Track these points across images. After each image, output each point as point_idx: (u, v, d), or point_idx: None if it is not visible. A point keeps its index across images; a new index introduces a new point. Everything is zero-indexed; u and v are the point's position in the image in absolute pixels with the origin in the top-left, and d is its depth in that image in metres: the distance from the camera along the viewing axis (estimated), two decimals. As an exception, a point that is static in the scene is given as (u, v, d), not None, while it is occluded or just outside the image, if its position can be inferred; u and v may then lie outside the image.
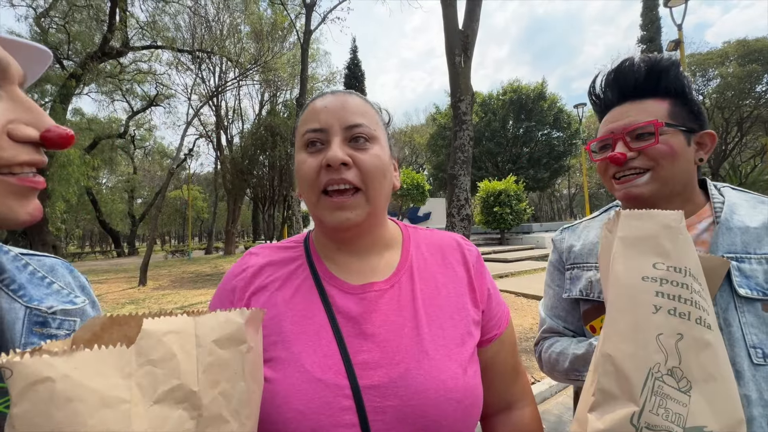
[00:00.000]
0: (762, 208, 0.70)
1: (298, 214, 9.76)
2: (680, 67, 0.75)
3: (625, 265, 0.57)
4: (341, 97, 0.57)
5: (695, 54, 20.41)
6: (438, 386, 0.49)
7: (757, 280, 0.64)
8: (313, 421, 0.47)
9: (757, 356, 0.62)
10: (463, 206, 4.29)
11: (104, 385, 0.28)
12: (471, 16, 4.45)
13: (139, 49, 15.30)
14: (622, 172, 0.74)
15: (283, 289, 0.57)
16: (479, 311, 0.60)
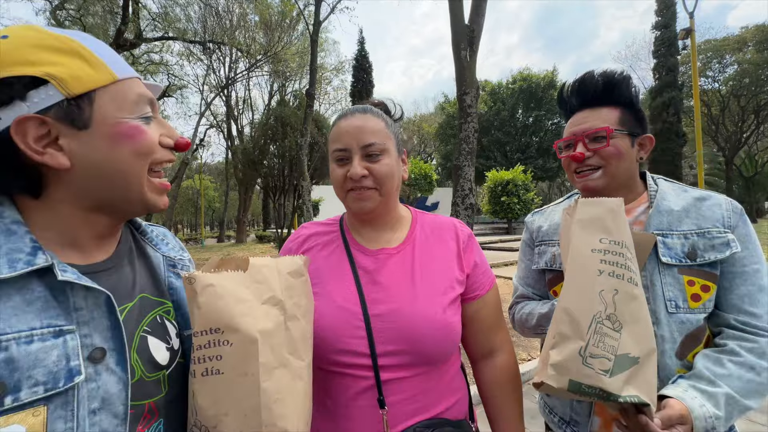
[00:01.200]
0: (684, 195, 0.89)
1: (309, 203, 10.00)
2: (631, 80, 0.91)
3: (580, 241, 0.75)
4: (359, 119, 0.77)
5: (711, 40, 19.84)
6: (422, 318, 0.73)
7: (676, 251, 0.83)
8: (337, 332, 0.72)
9: (671, 307, 0.81)
10: (467, 196, 4.49)
11: (237, 291, 0.54)
12: (477, 11, 4.56)
13: (151, 41, 15.53)
14: (581, 168, 0.92)
15: (323, 251, 0.83)
16: (464, 274, 0.81)
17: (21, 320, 0.43)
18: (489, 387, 0.84)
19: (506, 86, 24.53)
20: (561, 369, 0.68)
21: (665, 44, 15.57)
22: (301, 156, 10.61)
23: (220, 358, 0.52)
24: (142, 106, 0.54)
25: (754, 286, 0.80)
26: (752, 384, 0.74)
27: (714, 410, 0.70)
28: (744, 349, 0.76)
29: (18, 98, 0.45)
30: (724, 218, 0.83)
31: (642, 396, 0.67)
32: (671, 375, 0.80)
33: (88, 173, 0.50)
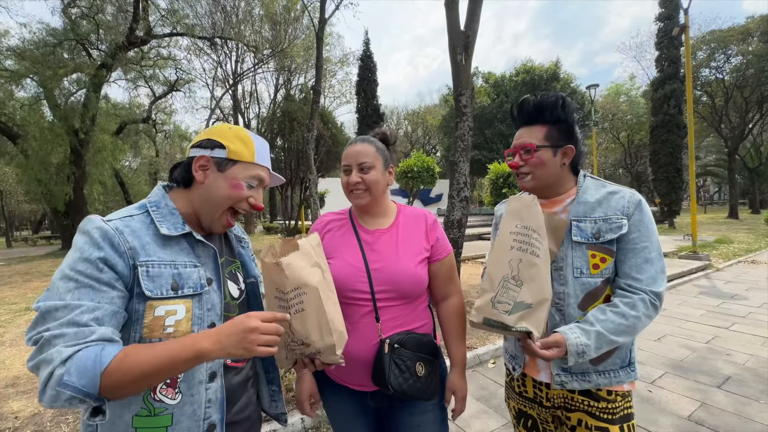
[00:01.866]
0: (601, 190, 1.11)
1: (315, 195, 10.43)
2: (559, 102, 1.09)
3: (504, 226, 1.06)
4: (359, 146, 1.21)
5: (716, 31, 19.68)
6: (401, 271, 1.16)
7: (586, 232, 1.06)
8: (350, 279, 1.17)
9: (576, 273, 1.07)
10: (462, 189, 4.91)
11: (300, 263, 0.95)
12: (472, 17, 4.91)
13: (160, 37, 15.88)
14: (518, 173, 1.18)
15: (339, 231, 1.28)
16: (429, 245, 1.24)
17: (181, 257, 0.86)
18: (444, 318, 1.28)
19: (509, 79, 24.58)
20: (479, 310, 1.01)
21: (668, 36, 15.56)
22: (308, 150, 11.01)
23: (302, 302, 0.91)
24: (253, 180, 0.95)
25: (641, 259, 1.03)
26: (621, 326, 0.98)
27: (585, 341, 0.96)
28: (622, 302, 1.01)
29: (210, 148, 0.92)
30: (624, 208, 1.05)
31: (529, 327, 0.96)
32: (573, 320, 1.05)
33: (207, 190, 0.92)
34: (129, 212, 0.86)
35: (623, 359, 1.08)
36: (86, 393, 0.65)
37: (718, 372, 3.10)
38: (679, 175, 16.10)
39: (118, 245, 0.77)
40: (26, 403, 2.84)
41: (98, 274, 0.73)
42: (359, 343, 1.12)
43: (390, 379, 1.05)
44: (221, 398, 0.88)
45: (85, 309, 0.70)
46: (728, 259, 8.36)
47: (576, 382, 1.07)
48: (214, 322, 0.88)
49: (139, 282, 0.78)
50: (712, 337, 3.87)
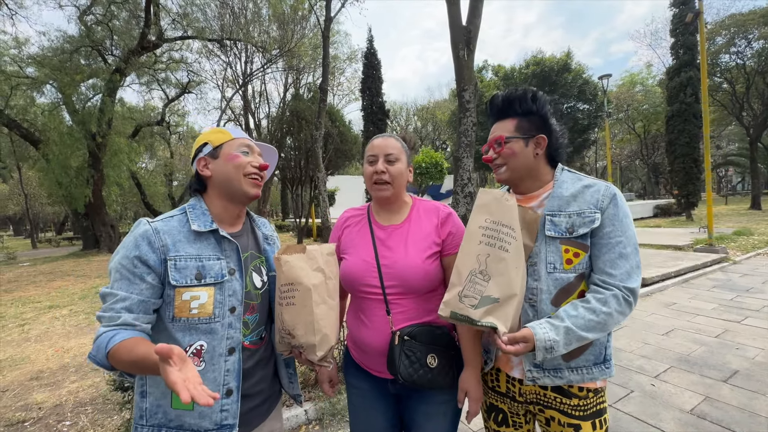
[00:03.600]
0: (577, 184, 1.08)
1: (324, 193, 10.54)
2: (527, 95, 1.11)
3: (473, 219, 1.04)
4: (386, 140, 1.26)
5: (736, 14, 18.92)
6: (408, 266, 1.19)
7: (560, 227, 1.05)
8: (362, 274, 1.22)
9: (549, 268, 1.05)
10: (466, 185, 4.92)
11: (299, 263, 1.06)
12: (474, 12, 4.89)
13: (172, 41, 16.19)
14: (493, 165, 1.18)
15: (356, 226, 1.33)
16: (440, 239, 1.26)
17: (207, 251, 1.03)
18: None
19: (519, 71, 24.17)
20: (446, 304, 1.01)
21: (683, 22, 15.04)
22: (316, 148, 11.12)
23: (293, 297, 1.02)
24: (242, 148, 1.11)
25: (615, 254, 1.01)
26: (591, 322, 0.97)
27: (554, 336, 0.94)
28: (594, 298, 0.99)
29: (200, 152, 1.11)
30: (598, 201, 1.03)
31: (496, 323, 0.94)
32: (547, 316, 1.03)
33: (218, 178, 1.08)
34: (172, 213, 1.06)
35: (597, 356, 1.07)
36: (102, 364, 0.88)
37: (726, 366, 3.06)
38: (696, 166, 15.62)
39: (153, 243, 0.97)
40: (49, 394, 3.01)
41: (133, 269, 0.94)
42: (375, 333, 1.18)
43: (400, 370, 1.09)
44: (238, 369, 1.03)
45: (119, 298, 0.92)
46: (747, 251, 8.12)
47: (548, 378, 1.06)
48: (235, 306, 1.04)
49: (168, 273, 0.96)
50: (723, 331, 3.80)
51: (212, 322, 0.99)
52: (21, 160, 19.92)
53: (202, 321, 0.98)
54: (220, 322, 1.00)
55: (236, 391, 1.03)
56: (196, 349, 0.98)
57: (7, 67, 14.01)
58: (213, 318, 0.99)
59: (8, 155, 20.24)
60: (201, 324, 0.98)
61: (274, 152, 1.26)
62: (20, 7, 14.48)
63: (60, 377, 3.36)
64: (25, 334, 4.78)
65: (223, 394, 1.01)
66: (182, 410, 0.97)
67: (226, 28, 16.22)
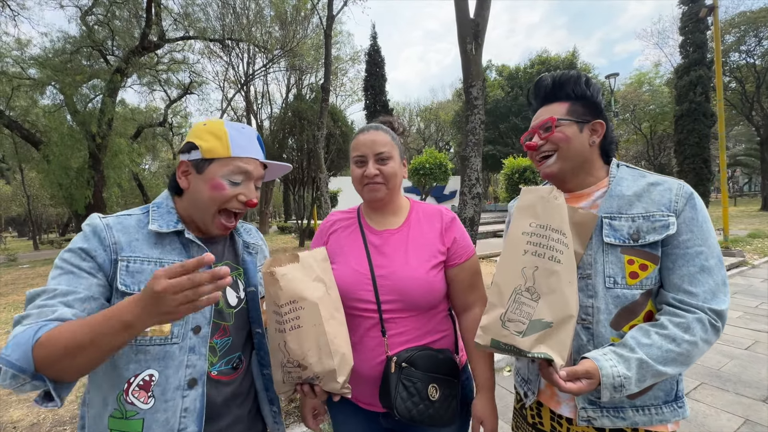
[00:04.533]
0: (640, 181, 0.91)
1: (326, 194, 10.34)
2: (580, 78, 0.97)
3: (514, 224, 0.88)
4: (373, 134, 1.06)
5: (746, 12, 18.60)
6: (409, 277, 1.00)
7: (622, 232, 0.87)
8: (353, 287, 1.02)
9: (609, 282, 0.87)
10: (474, 185, 4.68)
11: (298, 275, 0.87)
12: (482, 4, 4.67)
13: (173, 41, 16.10)
14: (538, 156, 0.99)
15: (345, 231, 1.14)
16: (445, 247, 1.07)
17: (171, 255, 0.85)
18: (466, 332, 1.09)
19: (524, 71, 23.90)
20: (486, 330, 0.84)
21: (692, 20, 14.74)
22: (318, 149, 10.93)
23: (299, 318, 0.84)
24: (235, 176, 0.88)
25: (695, 267, 0.82)
26: (671, 354, 0.79)
27: (624, 371, 0.77)
28: (672, 323, 0.81)
29: (193, 149, 0.88)
30: (671, 203, 0.86)
31: (550, 353, 0.78)
32: (605, 342, 0.87)
33: (192, 195, 0.89)
34: (130, 211, 0.89)
35: (668, 392, 0.88)
36: (20, 368, 0.61)
37: (762, 383, 2.80)
38: (706, 166, 15.31)
39: (104, 239, 0.80)
40: (27, 411, 2.80)
41: (80, 262, 0.76)
42: (365, 359, 1.01)
43: (396, 403, 0.92)
44: (200, 408, 0.82)
45: (58, 292, 0.72)
46: (764, 254, 7.82)
47: (607, 418, 0.87)
48: (200, 326, 0.84)
49: (116, 276, 0.78)
50: (753, 342, 3.54)
51: (168, 344, 0.79)
52: (23, 161, 19.89)
53: (154, 342, 0.78)
54: (179, 345, 0.80)
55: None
56: (144, 380, 0.77)
57: (9, 68, 13.95)
58: (170, 339, 0.79)
59: (11, 156, 20.25)
60: (153, 346, 0.78)
61: (288, 168, 1.05)
62: (22, 8, 14.46)
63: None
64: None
65: None
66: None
67: (227, 28, 16.10)
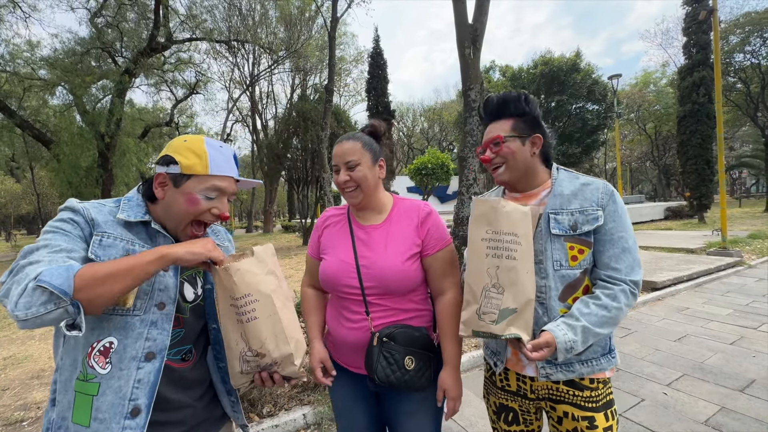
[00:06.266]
0: (575, 182, 1.12)
1: (330, 194, 10.51)
2: (521, 97, 1.14)
3: (473, 233, 1.05)
4: (344, 145, 1.22)
5: (751, 13, 18.50)
6: (388, 267, 1.16)
7: (564, 224, 1.07)
8: (340, 274, 1.19)
9: (556, 265, 1.07)
10: (472, 185, 4.83)
11: (252, 269, 0.93)
12: (480, 10, 4.81)
13: (181, 42, 16.37)
14: (492, 166, 1.18)
15: (336, 226, 1.30)
16: (420, 239, 1.22)
17: (139, 239, 0.91)
18: (438, 315, 1.24)
19: (527, 71, 23.93)
20: (466, 324, 1.02)
21: (696, 21, 14.75)
22: (321, 149, 11.11)
23: (255, 310, 0.89)
24: (210, 192, 0.95)
25: (618, 249, 1.04)
26: (604, 318, 0.99)
27: (573, 336, 0.96)
28: (603, 294, 1.02)
29: (166, 164, 0.93)
30: (598, 199, 1.06)
31: (519, 332, 0.96)
32: (555, 312, 1.06)
33: (167, 206, 0.95)
34: (103, 201, 0.94)
35: (603, 347, 1.10)
36: (62, 291, 0.68)
37: (743, 375, 2.93)
38: (709, 167, 15.27)
39: (84, 215, 0.86)
40: (47, 393, 2.99)
41: (71, 228, 0.83)
42: (355, 331, 1.18)
43: (377, 371, 1.09)
44: (153, 382, 0.85)
45: (63, 248, 0.78)
46: (762, 255, 7.88)
47: (560, 372, 1.07)
48: (164, 302, 0.90)
49: (90, 248, 0.83)
50: (739, 338, 3.66)
51: (129, 316, 0.85)
52: (34, 160, 20.30)
53: (117, 312, 0.84)
54: (140, 317, 0.86)
55: (145, 411, 0.83)
56: (104, 347, 0.82)
57: (21, 69, 14.28)
58: (131, 311, 0.85)
59: (21, 155, 20.64)
60: (115, 315, 0.84)
61: (259, 183, 1.16)
62: (33, 10, 14.78)
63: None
64: (29, 332, 4.81)
65: (127, 413, 0.81)
66: (79, 426, 0.81)
67: (233, 30, 16.33)
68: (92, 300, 0.73)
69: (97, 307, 0.75)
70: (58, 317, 0.69)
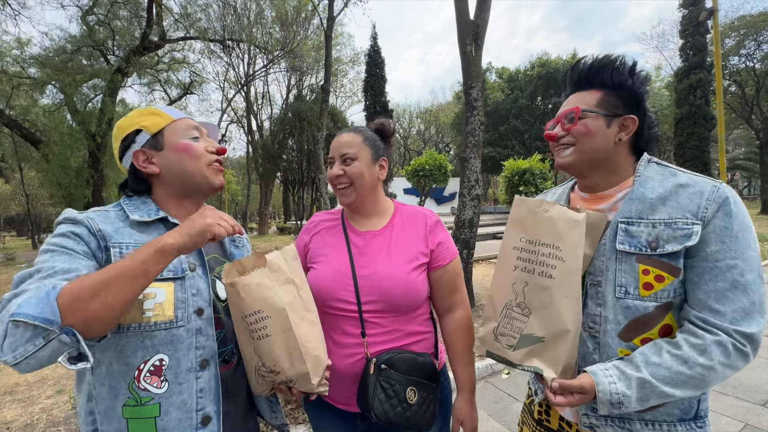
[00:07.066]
0: (669, 181, 0.81)
1: (326, 195, 10.34)
2: (620, 65, 0.86)
3: (506, 238, 0.89)
4: (343, 137, 1.08)
5: (746, 16, 18.63)
6: (391, 279, 1.00)
7: (639, 239, 0.79)
8: (334, 287, 1.01)
9: (619, 292, 0.81)
10: (473, 187, 4.67)
11: (263, 282, 0.83)
12: (482, 6, 4.66)
13: (174, 41, 16.12)
14: (557, 146, 0.94)
15: (329, 231, 1.13)
16: (428, 249, 1.07)
17: None
18: (447, 335, 1.11)
19: (524, 73, 23.93)
20: (482, 341, 0.90)
21: (693, 23, 14.78)
22: (317, 150, 10.93)
23: (266, 327, 0.82)
24: (190, 131, 0.91)
25: (725, 283, 0.73)
26: (680, 376, 0.72)
27: (623, 389, 0.73)
28: (688, 343, 0.74)
29: (132, 143, 0.88)
30: (699, 208, 0.76)
31: (541, 367, 0.80)
32: (611, 352, 0.82)
33: (171, 175, 0.88)
34: (104, 208, 0.85)
35: (685, 410, 0.81)
36: (45, 320, 0.57)
37: (763, 388, 2.78)
38: (706, 169, 15.32)
39: (90, 226, 0.76)
40: (21, 411, 2.77)
41: (74, 245, 0.72)
42: (344, 359, 1.00)
43: (374, 406, 0.91)
44: (215, 387, 0.83)
45: (58, 270, 0.66)
46: (764, 258, 7.81)
47: (611, 428, 0.84)
48: (202, 308, 0.84)
49: (112, 261, 0.74)
50: (752, 346, 3.52)
51: (173, 328, 0.79)
52: (23, 160, 19.88)
53: (160, 326, 0.77)
54: (185, 327, 0.80)
55: (216, 417, 0.82)
56: (154, 366, 0.77)
57: (10, 67, 13.95)
58: (174, 322, 0.79)
59: (10, 155, 20.22)
60: (159, 330, 0.77)
61: (216, 129, 1.04)
62: (23, 7, 14.45)
63: (36, 391, 3.13)
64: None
65: (198, 423, 0.80)
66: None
67: (228, 29, 16.12)
68: (88, 321, 0.61)
69: (100, 328, 0.64)
70: (54, 352, 0.59)
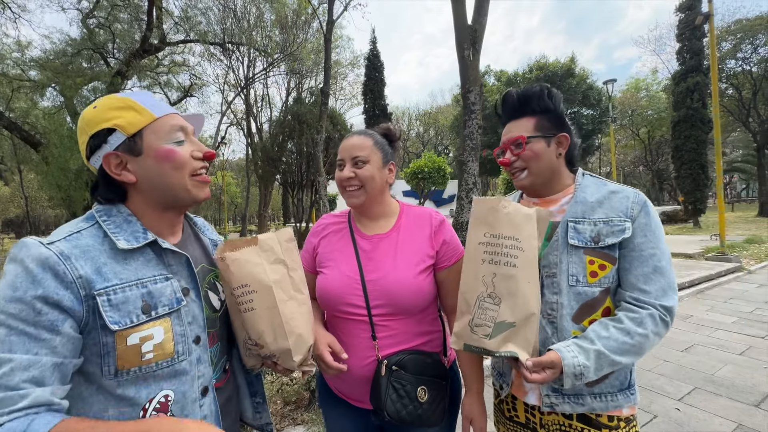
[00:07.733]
0: (602, 189, 1.00)
1: (325, 198, 10.36)
2: (545, 92, 1.02)
3: (470, 235, 0.95)
4: (354, 139, 1.10)
5: (742, 20, 18.77)
6: (398, 282, 1.03)
7: (584, 235, 0.96)
8: (343, 291, 1.04)
9: (571, 281, 0.96)
10: (471, 190, 4.71)
11: (252, 258, 0.86)
12: (479, 11, 4.72)
13: (174, 44, 16.18)
14: (512, 170, 1.07)
15: (336, 235, 1.16)
16: (434, 250, 1.09)
17: (148, 271, 0.74)
18: None
19: (522, 76, 24.04)
20: (458, 336, 0.93)
21: (689, 27, 14.87)
22: (317, 152, 10.96)
23: (252, 301, 0.85)
24: (175, 134, 0.77)
25: (649, 268, 0.91)
26: (625, 345, 0.87)
27: (584, 361, 0.84)
28: (627, 318, 0.89)
29: (103, 143, 0.74)
30: (627, 209, 0.95)
31: (516, 350, 0.86)
32: (567, 334, 0.95)
33: (149, 184, 0.76)
34: (76, 227, 0.72)
35: (622, 381, 0.98)
36: None
37: (756, 388, 2.81)
38: (704, 172, 15.37)
39: (63, 275, 0.64)
40: None
41: (35, 317, 0.60)
42: (356, 360, 1.03)
43: (386, 405, 0.96)
44: (216, 411, 0.83)
45: (16, 365, 0.57)
46: (760, 260, 7.85)
47: (568, 404, 0.96)
48: (199, 335, 0.80)
49: (101, 314, 0.66)
50: (747, 348, 3.56)
51: (176, 363, 0.75)
52: (22, 162, 19.87)
53: (162, 365, 0.73)
54: (187, 360, 0.76)
55: None
56: (160, 402, 0.73)
57: (10, 70, 13.99)
58: (177, 357, 0.75)
59: (10, 158, 20.24)
60: (161, 369, 0.73)
61: (201, 119, 0.93)
62: (23, 11, 14.51)
63: None
64: None
65: None
66: None
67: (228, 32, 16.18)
68: None
69: None
70: None
